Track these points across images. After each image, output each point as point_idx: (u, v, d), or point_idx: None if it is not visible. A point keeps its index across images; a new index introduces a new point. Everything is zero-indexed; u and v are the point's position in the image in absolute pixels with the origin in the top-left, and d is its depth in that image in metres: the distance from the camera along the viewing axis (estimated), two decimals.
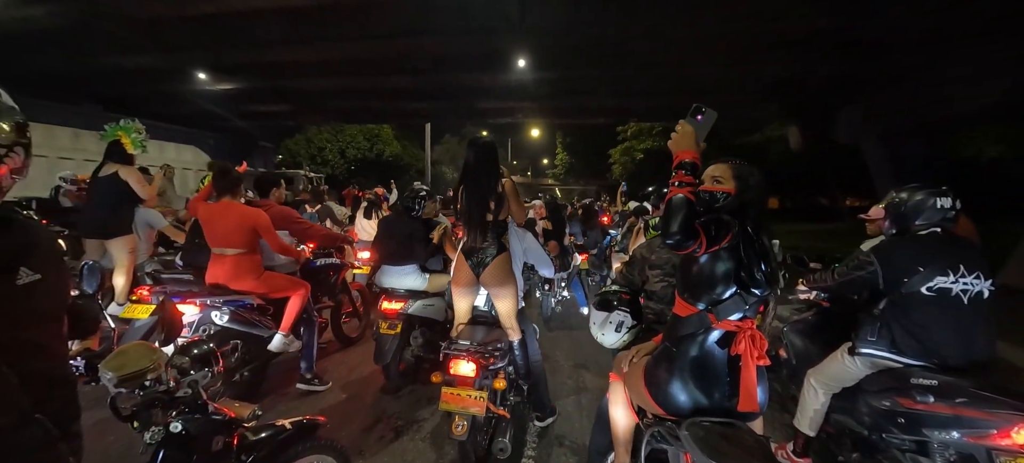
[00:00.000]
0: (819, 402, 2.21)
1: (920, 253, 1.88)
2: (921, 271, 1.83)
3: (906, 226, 2.00)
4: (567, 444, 2.60)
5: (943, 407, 1.70)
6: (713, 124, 1.38)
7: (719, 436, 1.24)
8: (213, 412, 1.25)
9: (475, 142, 2.47)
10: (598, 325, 2.05)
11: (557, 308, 5.16)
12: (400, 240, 3.36)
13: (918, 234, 1.94)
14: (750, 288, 1.35)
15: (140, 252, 3.84)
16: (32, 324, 0.79)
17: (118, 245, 3.58)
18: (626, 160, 23.81)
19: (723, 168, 1.48)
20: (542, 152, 41.10)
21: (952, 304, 1.81)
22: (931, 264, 1.83)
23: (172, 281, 2.98)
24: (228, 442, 1.30)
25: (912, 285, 1.85)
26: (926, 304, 1.83)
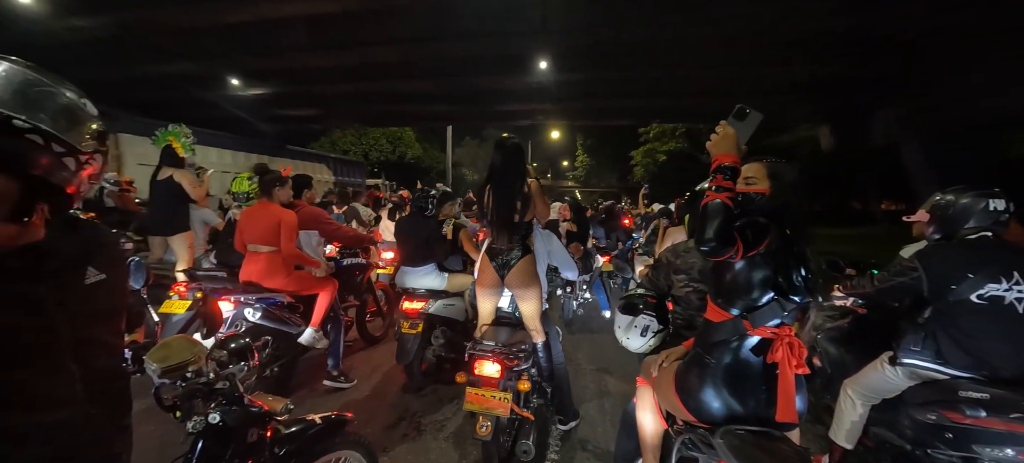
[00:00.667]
0: (857, 414, 2.11)
1: (969, 259, 1.78)
2: (971, 278, 1.73)
3: (953, 230, 1.90)
4: (590, 449, 2.58)
5: (996, 422, 1.60)
6: (757, 126, 1.33)
7: (756, 446, 1.19)
8: (249, 404, 1.28)
9: (502, 143, 2.46)
10: (623, 329, 2.01)
11: (578, 311, 5.11)
12: (417, 241, 3.41)
13: (967, 238, 1.84)
14: (788, 295, 1.29)
15: (197, 247, 4.17)
16: (97, 322, 0.83)
17: (178, 241, 3.95)
18: (648, 162, 23.46)
19: (756, 167, 1.42)
20: (562, 154, 40.91)
21: (1005, 313, 1.70)
22: (982, 270, 1.73)
23: (207, 278, 3.10)
24: (262, 434, 1.33)
25: (960, 292, 1.75)
26: (976, 313, 1.73)
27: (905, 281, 1.90)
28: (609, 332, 4.57)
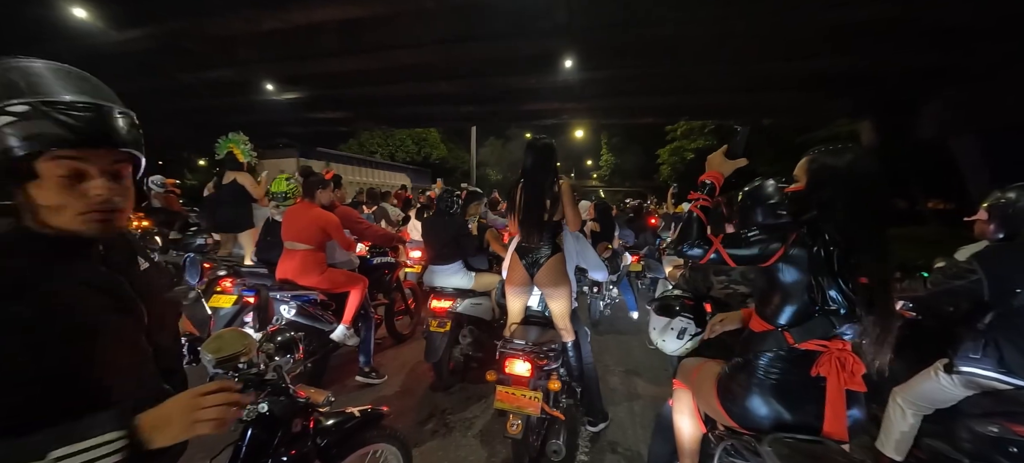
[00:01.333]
0: (907, 424, 2.00)
1: None
2: None
3: (1017, 230, 1.77)
4: (620, 451, 2.54)
5: None
6: (747, 138, 1.39)
7: (807, 455, 1.14)
8: (295, 395, 1.32)
9: (534, 143, 2.48)
10: (659, 331, 1.97)
11: (606, 311, 5.06)
12: (443, 239, 3.46)
13: None
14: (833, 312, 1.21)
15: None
16: (156, 306, 0.89)
17: (245, 237, 4.46)
18: (675, 160, 22.96)
19: (802, 162, 1.34)
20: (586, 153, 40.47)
21: None
22: None
23: (250, 275, 3.24)
24: (305, 425, 1.38)
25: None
26: None
27: (964, 284, 1.78)
28: (637, 334, 4.54)
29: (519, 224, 2.47)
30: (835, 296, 1.21)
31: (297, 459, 1.32)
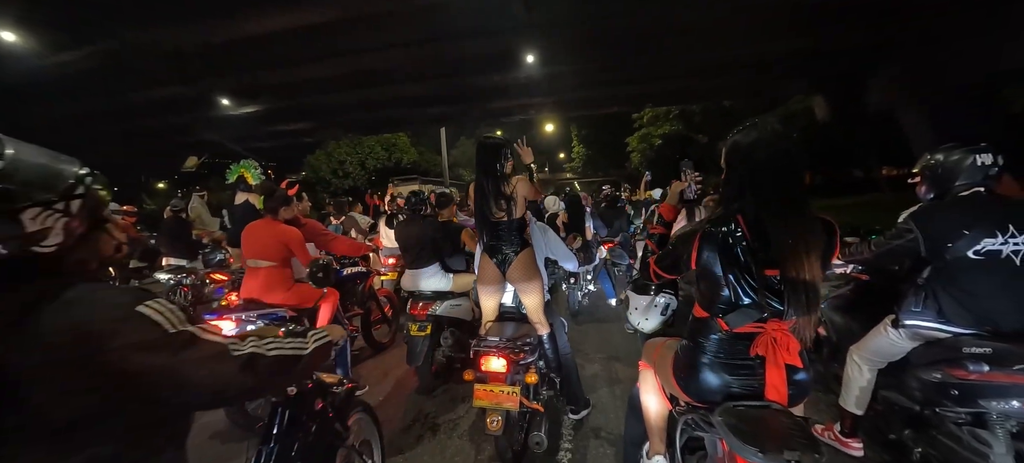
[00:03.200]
0: (864, 379, 2.13)
1: (963, 215, 1.77)
2: (966, 234, 1.73)
3: (946, 188, 1.90)
4: (603, 436, 2.60)
5: (1000, 376, 1.61)
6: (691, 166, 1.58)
7: (754, 420, 1.20)
8: (317, 379, 1.61)
9: (483, 144, 2.49)
10: (640, 311, 1.99)
11: (584, 301, 5.13)
12: (416, 242, 3.43)
13: (959, 195, 1.84)
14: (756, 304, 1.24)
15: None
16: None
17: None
18: (644, 147, 23.44)
19: (722, 150, 1.36)
20: (558, 146, 40.81)
21: (1003, 267, 1.70)
22: (977, 226, 1.73)
23: None
24: (324, 403, 1.66)
25: (957, 250, 1.75)
26: (974, 269, 1.74)
27: (902, 243, 1.91)
28: (616, 320, 4.63)
29: (477, 225, 2.51)
30: (746, 289, 1.23)
31: (319, 430, 1.61)
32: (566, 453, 2.47)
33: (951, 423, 1.77)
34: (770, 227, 1.21)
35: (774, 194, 1.22)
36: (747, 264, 1.23)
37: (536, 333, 2.43)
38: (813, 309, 1.19)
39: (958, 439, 1.73)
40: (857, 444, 2.22)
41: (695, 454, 1.55)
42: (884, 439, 2.20)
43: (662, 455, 1.65)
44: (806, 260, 1.17)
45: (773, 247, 1.19)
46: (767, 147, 1.25)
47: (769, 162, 1.24)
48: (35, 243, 0.77)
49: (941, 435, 1.81)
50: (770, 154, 1.24)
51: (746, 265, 1.23)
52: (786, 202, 1.21)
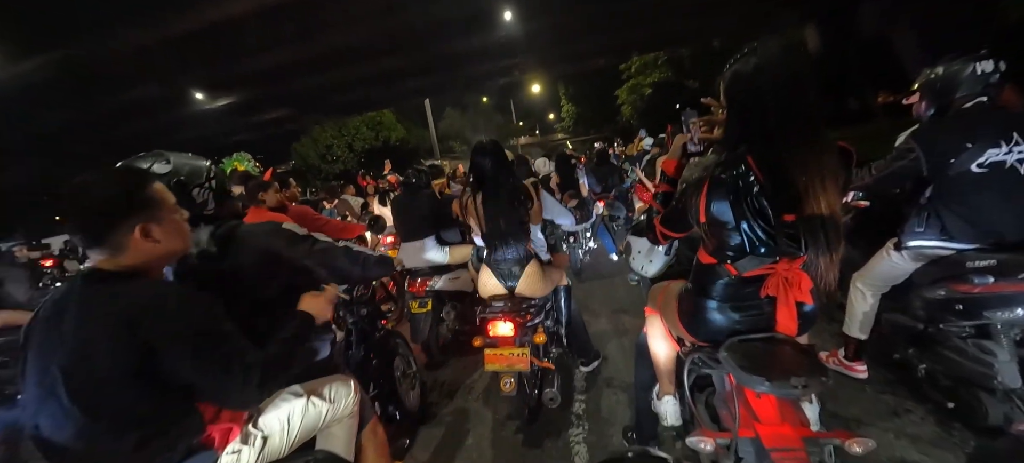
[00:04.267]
0: (868, 305, 2.14)
1: (966, 128, 1.71)
2: (969, 147, 1.68)
3: (946, 102, 1.82)
4: (615, 385, 2.65)
5: (1005, 285, 1.61)
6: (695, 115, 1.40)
7: (760, 351, 1.20)
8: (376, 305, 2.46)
9: (483, 147, 2.25)
10: (643, 254, 1.92)
11: (585, 259, 5.15)
12: (413, 216, 3.39)
13: (962, 108, 1.77)
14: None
15: None
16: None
17: None
18: (634, 98, 22.96)
19: (720, 87, 1.25)
20: (547, 107, 39.99)
21: (1007, 177, 1.66)
22: (980, 138, 1.67)
23: None
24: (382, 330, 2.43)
25: (960, 164, 1.70)
26: (977, 183, 1.69)
27: (904, 164, 1.86)
28: (620, 274, 4.66)
29: (485, 237, 2.30)
30: (762, 236, 1.13)
31: (383, 339, 2.46)
32: (580, 404, 2.52)
33: (955, 337, 1.80)
34: (783, 164, 1.07)
35: (784, 126, 1.08)
36: (762, 209, 1.11)
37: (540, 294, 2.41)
38: (835, 248, 1.08)
39: (963, 352, 1.76)
40: (861, 367, 2.26)
41: (703, 392, 1.57)
42: (888, 360, 2.25)
43: (671, 395, 1.67)
44: (824, 196, 1.05)
45: (789, 187, 1.07)
46: (771, 73, 1.10)
47: (775, 90, 1.09)
48: (203, 210, 1.36)
49: (945, 350, 1.84)
50: (775, 80, 1.09)
51: (761, 210, 1.11)
52: (798, 133, 1.07)
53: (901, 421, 2.00)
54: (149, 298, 0.99)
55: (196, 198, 1.34)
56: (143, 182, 1.06)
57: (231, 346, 1.03)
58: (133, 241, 1.00)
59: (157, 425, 0.99)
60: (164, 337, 0.95)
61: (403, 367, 2.56)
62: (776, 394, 1.13)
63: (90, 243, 1.00)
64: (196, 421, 1.06)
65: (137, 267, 1.02)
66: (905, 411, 2.05)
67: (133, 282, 1.00)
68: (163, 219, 1.06)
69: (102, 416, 0.94)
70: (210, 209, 1.38)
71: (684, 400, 1.65)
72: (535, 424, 2.36)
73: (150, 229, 1.02)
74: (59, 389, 0.93)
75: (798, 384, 1.07)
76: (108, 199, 1.00)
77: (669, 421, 1.66)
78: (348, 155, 24.72)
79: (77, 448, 0.95)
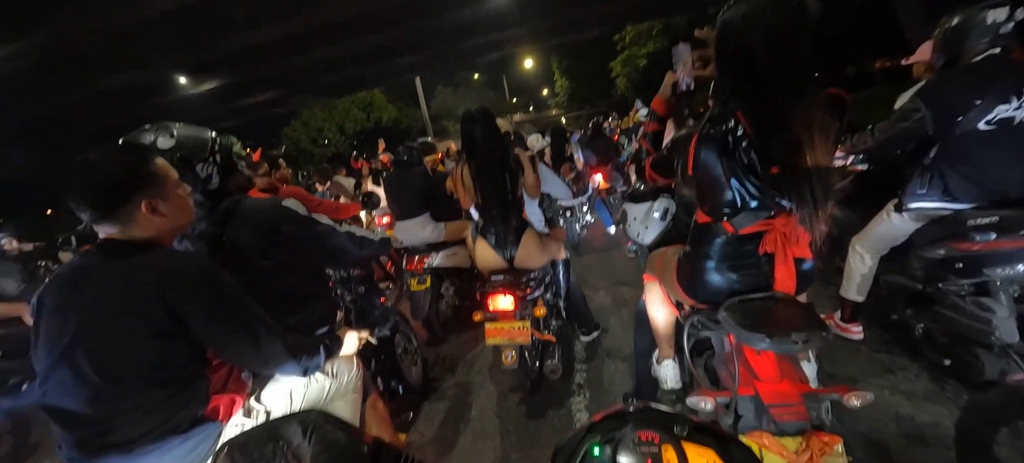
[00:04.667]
0: (866, 267, 2.14)
1: (975, 83, 1.65)
2: (978, 104, 1.62)
3: (955, 52, 1.74)
4: (615, 355, 2.68)
5: (1007, 242, 1.60)
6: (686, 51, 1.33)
7: (760, 309, 1.19)
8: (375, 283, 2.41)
9: (472, 115, 2.16)
10: (639, 220, 1.90)
11: (583, 232, 5.14)
12: (407, 193, 3.35)
13: (971, 62, 1.69)
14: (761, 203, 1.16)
15: None
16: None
17: None
18: (629, 70, 22.53)
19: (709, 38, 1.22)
20: (540, 83, 39.40)
21: (1015, 134, 1.61)
22: (989, 93, 1.60)
23: None
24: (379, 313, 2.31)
25: (968, 122, 1.65)
26: (985, 141, 1.64)
27: (908, 125, 1.80)
28: (617, 247, 4.66)
29: (480, 209, 2.25)
30: (752, 191, 1.15)
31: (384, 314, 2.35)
32: (581, 374, 2.55)
33: (954, 296, 1.80)
34: (772, 118, 1.08)
35: (773, 79, 1.06)
36: (751, 164, 1.13)
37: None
38: (823, 204, 1.08)
39: (961, 310, 1.77)
40: (857, 329, 2.28)
41: (702, 356, 1.58)
42: (885, 321, 2.26)
43: (671, 359, 1.69)
44: (812, 152, 1.05)
45: (777, 142, 1.08)
46: (760, 24, 1.05)
47: (764, 41, 1.05)
48: (208, 184, 1.34)
49: (943, 308, 1.85)
50: (765, 33, 1.05)
51: (750, 166, 1.13)
52: (787, 87, 1.06)
53: (896, 378, 2.03)
54: (174, 265, 1.05)
55: (199, 173, 1.31)
56: (145, 159, 1.08)
57: (253, 309, 1.10)
58: (141, 216, 1.04)
59: (173, 388, 1.03)
60: (190, 301, 1.01)
61: (404, 344, 2.56)
62: (776, 350, 1.13)
63: (99, 218, 1.04)
64: (204, 387, 1.10)
65: (150, 239, 1.07)
66: (900, 369, 2.08)
67: (154, 252, 1.05)
68: (168, 195, 1.09)
69: (124, 378, 0.99)
70: (214, 184, 1.35)
71: (683, 364, 1.66)
72: (537, 395, 2.39)
73: (156, 204, 1.06)
74: (79, 356, 0.96)
75: (798, 339, 1.07)
76: (113, 177, 1.03)
77: (669, 384, 1.68)
78: (339, 138, 24.38)
79: (94, 412, 0.98)
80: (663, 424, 0.54)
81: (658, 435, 0.53)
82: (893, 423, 1.78)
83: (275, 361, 1.15)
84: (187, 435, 1.04)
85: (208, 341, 1.06)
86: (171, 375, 1.03)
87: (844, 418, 1.83)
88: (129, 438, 0.98)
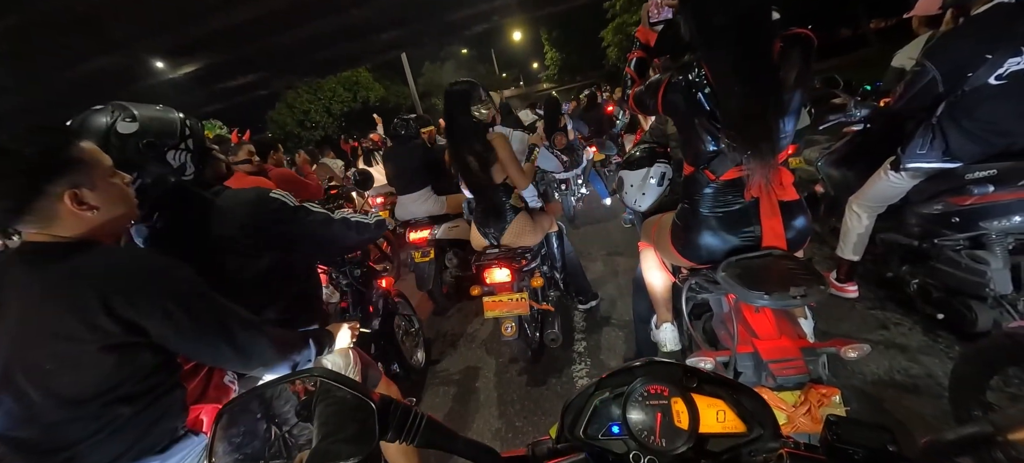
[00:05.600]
0: (863, 226, 2.14)
1: (983, 37, 1.56)
2: (989, 58, 1.54)
3: (966, 5, 1.64)
4: (614, 323, 2.70)
5: (1004, 194, 1.59)
6: None
7: (758, 267, 1.20)
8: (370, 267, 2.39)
9: (447, 93, 2.07)
10: (636, 187, 1.86)
11: (578, 205, 5.13)
12: (407, 167, 3.31)
13: (975, 14, 1.59)
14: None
15: None
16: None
17: None
18: (620, 39, 21.98)
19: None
20: (530, 56, 38.55)
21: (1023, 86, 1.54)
22: (1000, 46, 1.53)
23: None
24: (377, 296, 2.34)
25: (977, 78, 1.58)
26: (996, 96, 1.57)
27: (923, 85, 1.70)
28: (613, 218, 4.65)
29: (471, 189, 2.18)
30: (713, 138, 1.22)
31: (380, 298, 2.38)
32: (581, 342, 2.58)
33: (949, 250, 1.81)
34: (730, 72, 1.12)
35: (731, 34, 1.09)
36: (712, 112, 1.20)
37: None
38: (768, 155, 1.13)
39: (956, 263, 1.78)
40: (852, 287, 2.30)
41: (701, 319, 1.59)
42: (880, 279, 2.29)
43: (669, 322, 1.71)
44: (762, 107, 1.10)
45: (735, 94, 1.12)
46: None
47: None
48: (182, 174, 1.14)
49: (939, 263, 1.86)
50: None
51: (711, 113, 1.20)
52: (746, 42, 1.09)
53: (890, 333, 2.07)
54: (116, 265, 0.89)
55: (172, 162, 1.12)
56: (65, 142, 0.89)
57: (223, 304, 0.97)
58: (65, 210, 0.86)
59: (141, 403, 0.90)
60: (143, 304, 0.86)
61: (405, 326, 2.56)
62: (775, 306, 1.15)
63: (12, 215, 0.85)
64: (179, 397, 0.98)
65: (83, 238, 0.89)
66: (894, 324, 2.12)
67: (90, 252, 0.88)
68: (96, 184, 0.90)
69: (80, 400, 0.85)
70: (189, 173, 1.16)
71: (682, 327, 1.68)
72: (538, 364, 2.42)
73: (82, 195, 0.87)
74: (18, 380, 0.84)
75: (797, 294, 1.07)
76: (24, 163, 0.84)
77: (669, 346, 1.70)
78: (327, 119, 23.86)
79: (52, 440, 0.87)
80: (672, 377, 0.54)
81: (667, 388, 0.53)
82: (887, 375, 1.82)
83: (259, 359, 1.02)
84: (167, 453, 0.94)
85: (175, 347, 0.92)
86: (136, 390, 0.89)
87: (839, 372, 1.88)
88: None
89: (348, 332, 1.32)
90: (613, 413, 0.55)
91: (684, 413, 0.51)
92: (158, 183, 1.09)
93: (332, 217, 1.36)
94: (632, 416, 0.52)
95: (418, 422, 0.44)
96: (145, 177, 1.07)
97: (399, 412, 0.43)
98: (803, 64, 1.13)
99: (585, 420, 0.56)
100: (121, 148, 1.03)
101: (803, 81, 1.16)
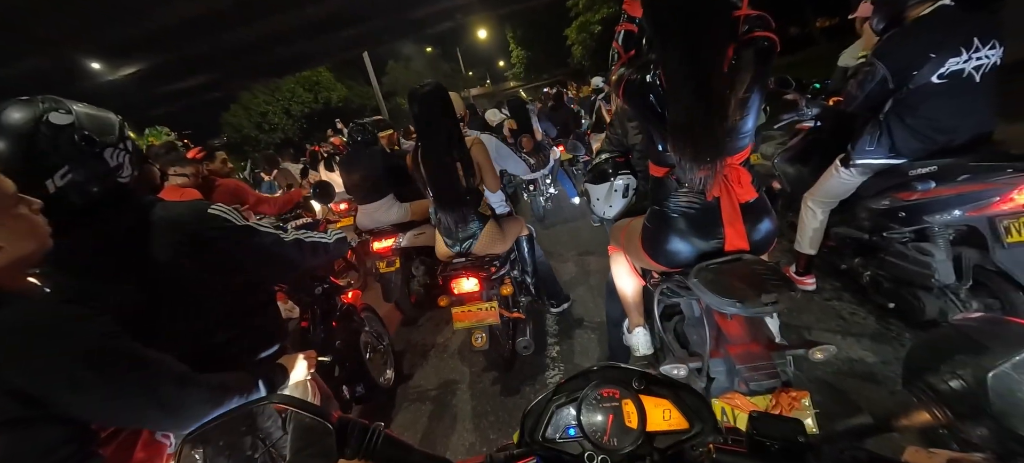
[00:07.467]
0: (818, 221, 2.23)
1: (929, 38, 1.64)
2: (933, 58, 1.63)
3: (898, 10, 1.75)
4: (586, 325, 2.69)
5: (945, 190, 1.69)
6: None
7: (728, 273, 1.20)
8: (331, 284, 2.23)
9: (413, 95, 1.96)
10: (602, 199, 1.89)
11: (548, 204, 5.13)
12: (366, 174, 3.17)
13: (922, 16, 1.67)
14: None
15: None
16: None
17: None
18: (584, 37, 22.30)
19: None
20: (496, 54, 38.44)
21: (963, 86, 1.65)
22: (943, 46, 1.62)
23: None
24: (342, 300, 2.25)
25: (922, 77, 1.67)
26: (936, 95, 1.67)
27: (874, 86, 1.78)
28: (582, 218, 4.67)
29: (434, 200, 2.07)
30: (661, 137, 1.24)
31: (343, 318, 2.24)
32: (554, 347, 2.55)
33: (897, 243, 1.91)
34: (682, 75, 1.11)
35: (685, 39, 1.09)
36: (661, 115, 1.21)
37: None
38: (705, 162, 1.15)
39: (904, 255, 1.87)
40: (811, 280, 2.40)
41: (672, 320, 1.60)
42: (836, 270, 2.40)
43: (641, 326, 1.71)
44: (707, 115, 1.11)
45: (683, 99, 1.13)
46: None
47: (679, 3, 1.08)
48: (119, 175, 1.01)
49: (888, 256, 1.96)
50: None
51: (661, 116, 1.21)
52: (698, 48, 1.08)
53: (846, 323, 2.16)
54: (11, 325, 0.73)
55: (109, 160, 0.99)
56: None
57: (145, 358, 0.83)
58: None
59: None
60: (42, 373, 0.73)
61: (372, 343, 2.45)
62: (747, 314, 1.15)
63: None
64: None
65: None
66: (850, 314, 2.21)
67: None
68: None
69: None
70: (126, 176, 1.03)
71: (654, 330, 1.68)
72: (511, 373, 2.37)
73: None
74: None
75: (768, 301, 1.08)
76: None
77: (641, 351, 1.69)
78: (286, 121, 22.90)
79: None
80: (622, 380, 0.57)
81: (618, 391, 0.55)
82: (847, 365, 1.89)
83: (192, 414, 0.87)
84: None
85: (88, 416, 0.78)
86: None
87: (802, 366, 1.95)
88: None
89: (304, 363, 1.21)
90: (569, 417, 0.57)
91: (634, 413, 0.54)
92: (91, 182, 0.95)
93: (283, 238, 1.19)
94: (586, 418, 0.54)
95: (376, 438, 0.48)
96: (77, 175, 0.92)
97: (356, 430, 0.48)
98: (762, 66, 1.13)
99: (544, 425, 0.58)
100: (53, 140, 0.89)
101: (761, 81, 1.16)
